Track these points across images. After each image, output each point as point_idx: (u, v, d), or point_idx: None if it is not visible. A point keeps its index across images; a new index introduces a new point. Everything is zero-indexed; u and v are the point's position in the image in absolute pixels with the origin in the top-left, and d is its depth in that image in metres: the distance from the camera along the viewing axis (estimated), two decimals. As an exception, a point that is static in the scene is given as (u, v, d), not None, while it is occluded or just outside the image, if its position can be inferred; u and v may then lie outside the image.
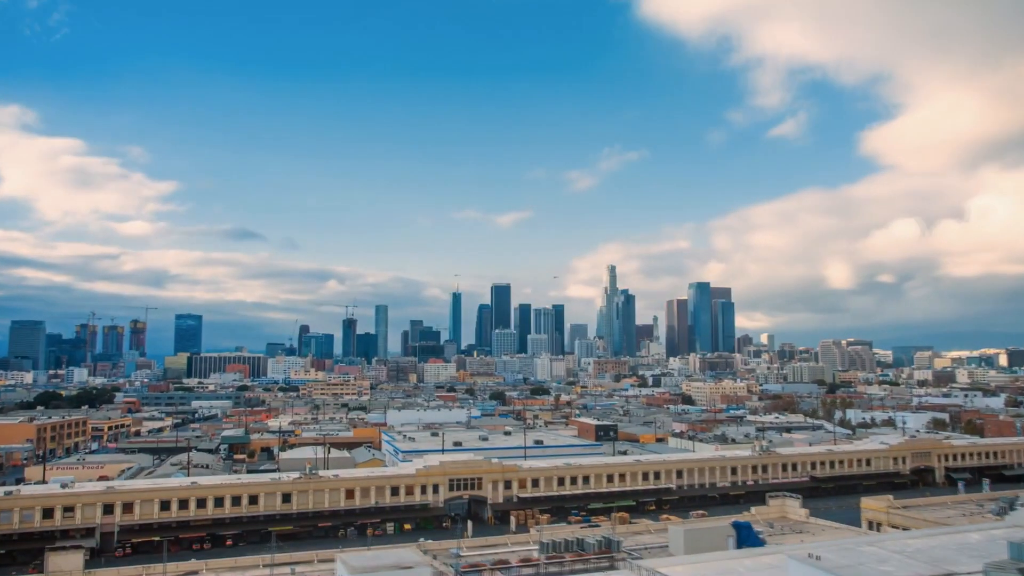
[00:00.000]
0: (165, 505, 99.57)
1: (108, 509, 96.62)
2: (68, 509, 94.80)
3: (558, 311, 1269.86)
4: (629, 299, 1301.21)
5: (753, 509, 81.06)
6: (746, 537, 61.24)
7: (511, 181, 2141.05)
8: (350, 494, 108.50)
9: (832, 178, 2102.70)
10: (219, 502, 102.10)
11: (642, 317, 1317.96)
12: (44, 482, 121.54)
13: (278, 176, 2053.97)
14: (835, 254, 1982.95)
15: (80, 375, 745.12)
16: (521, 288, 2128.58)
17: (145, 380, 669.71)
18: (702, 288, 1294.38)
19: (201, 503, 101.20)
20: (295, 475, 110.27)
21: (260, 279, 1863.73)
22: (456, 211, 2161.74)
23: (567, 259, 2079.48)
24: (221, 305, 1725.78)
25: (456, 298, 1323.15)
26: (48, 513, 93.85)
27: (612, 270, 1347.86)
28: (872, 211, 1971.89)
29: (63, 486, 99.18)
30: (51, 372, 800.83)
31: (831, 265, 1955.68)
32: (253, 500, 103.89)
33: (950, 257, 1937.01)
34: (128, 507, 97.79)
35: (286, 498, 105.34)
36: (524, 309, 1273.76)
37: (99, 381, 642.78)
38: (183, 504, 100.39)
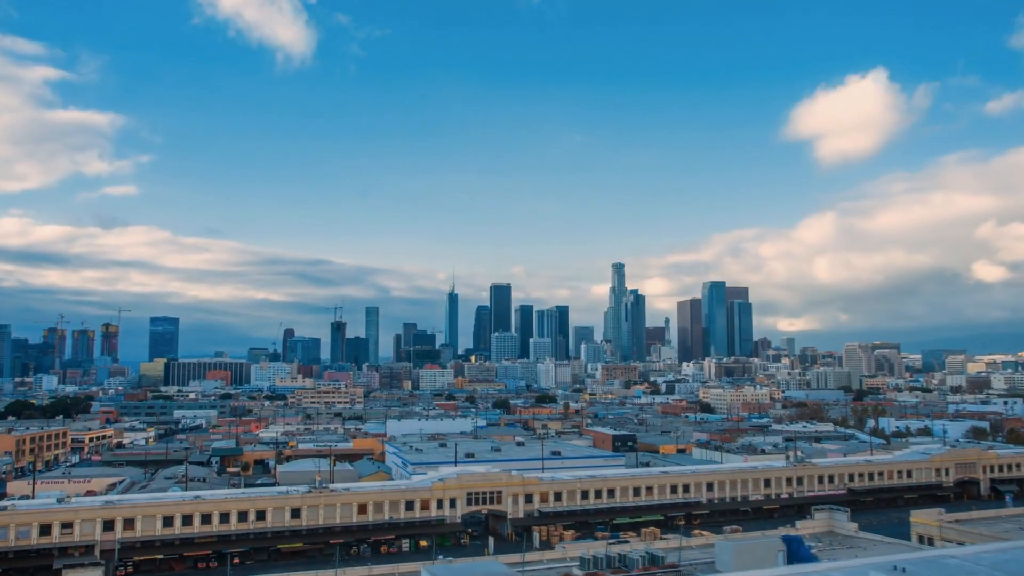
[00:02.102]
0: (168, 521, 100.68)
1: (108, 525, 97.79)
2: (66, 525, 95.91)
3: (562, 312, 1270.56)
4: (639, 300, 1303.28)
5: (798, 523, 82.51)
6: (798, 552, 62.50)
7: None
8: (362, 509, 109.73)
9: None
10: (224, 518, 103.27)
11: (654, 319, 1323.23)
12: (29, 497, 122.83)
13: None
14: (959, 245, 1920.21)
15: (50, 383, 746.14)
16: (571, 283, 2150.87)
17: (120, 388, 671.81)
18: (717, 288, 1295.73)
19: (206, 519, 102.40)
20: (303, 489, 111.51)
21: (244, 269, 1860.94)
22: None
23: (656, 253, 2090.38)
24: (197, 304, 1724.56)
25: (452, 299, 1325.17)
26: (45, 530, 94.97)
27: (619, 268, 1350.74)
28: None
29: (59, 501, 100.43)
30: (18, 379, 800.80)
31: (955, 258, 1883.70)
32: (260, 515, 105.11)
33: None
34: (129, 523, 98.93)
35: (295, 513, 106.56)
36: (525, 311, 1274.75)
37: (70, 389, 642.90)
38: (187, 520, 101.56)
